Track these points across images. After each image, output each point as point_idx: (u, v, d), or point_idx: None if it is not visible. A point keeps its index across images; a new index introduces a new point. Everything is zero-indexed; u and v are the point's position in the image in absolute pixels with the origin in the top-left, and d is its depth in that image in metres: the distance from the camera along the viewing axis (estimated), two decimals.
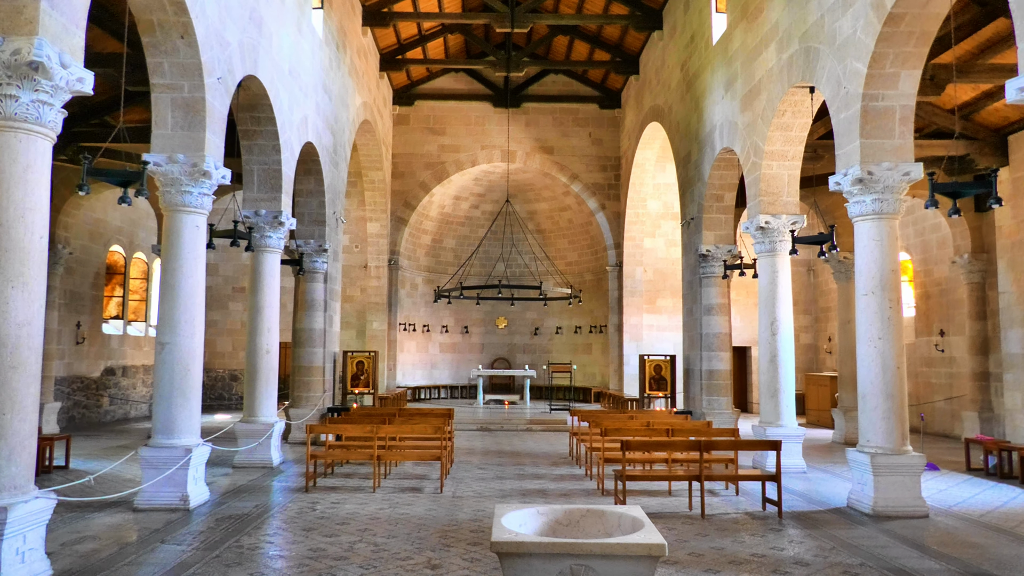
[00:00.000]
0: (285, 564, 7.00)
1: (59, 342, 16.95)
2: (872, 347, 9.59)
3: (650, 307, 24.26)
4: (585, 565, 3.86)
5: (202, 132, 9.50)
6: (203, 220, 9.76)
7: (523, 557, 3.88)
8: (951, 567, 7.12)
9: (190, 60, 9.32)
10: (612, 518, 4.49)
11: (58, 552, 7.21)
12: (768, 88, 12.67)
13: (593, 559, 3.86)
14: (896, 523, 8.92)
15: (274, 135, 12.64)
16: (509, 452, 15.14)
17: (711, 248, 16.09)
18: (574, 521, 4.58)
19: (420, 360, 27.21)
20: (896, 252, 9.66)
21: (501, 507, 4.63)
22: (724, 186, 15.87)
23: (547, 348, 28.11)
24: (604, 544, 3.90)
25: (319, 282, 16.29)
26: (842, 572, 6.89)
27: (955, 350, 17.62)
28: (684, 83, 17.69)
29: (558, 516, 4.63)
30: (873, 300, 9.60)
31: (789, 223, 12.81)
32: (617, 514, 4.52)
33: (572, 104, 25.57)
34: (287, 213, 13.06)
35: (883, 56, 9.33)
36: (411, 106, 25.27)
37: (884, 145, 9.55)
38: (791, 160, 12.84)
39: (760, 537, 8.25)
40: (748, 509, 9.75)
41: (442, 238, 27.59)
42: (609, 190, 25.36)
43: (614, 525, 4.41)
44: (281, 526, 8.56)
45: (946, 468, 13.24)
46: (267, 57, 11.93)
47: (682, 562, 7.19)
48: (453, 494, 10.58)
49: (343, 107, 17.69)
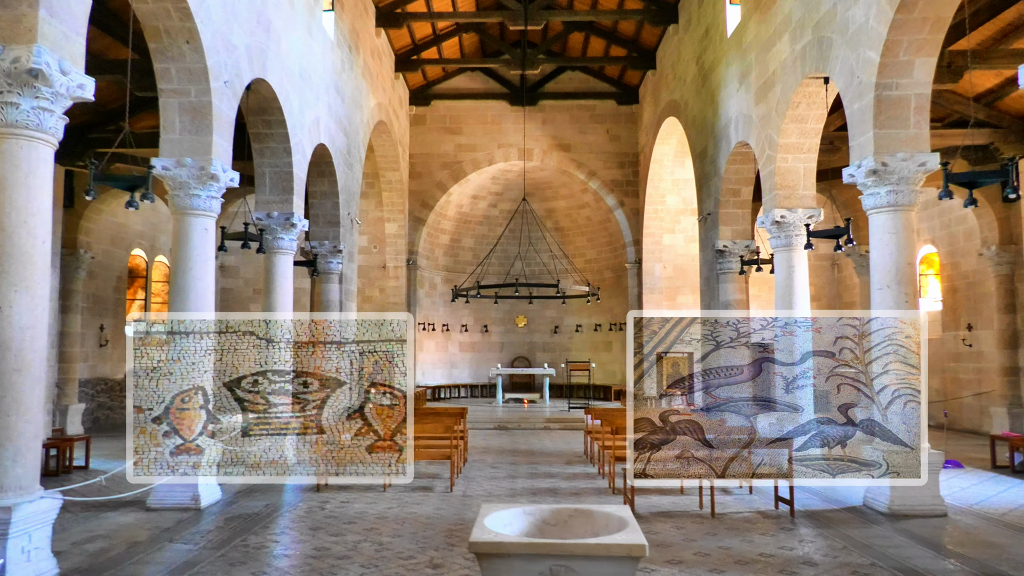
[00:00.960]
0: (288, 563, 7.03)
1: (83, 345, 17.18)
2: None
3: (670, 304, 24.06)
4: (565, 566, 3.80)
5: (209, 136, 9.56)
6: (212, 223, 9.81)
7: (502, 558, 3.83)
8: (966, 568, 6.95)
9: (196, 65, 9.38)
10: (600, 518, 4.43)
11: (68, 551, 7.29)
12: (782, 80, 12.49)
13: (573, 560, 3.80)
14: (912, 522, 8.74)
15: (285, 138, 12.69)
16: (524, 451, 15.09)
17: (728, 243, 15.91)
18: (562, 521, 4.52)
19: (440, 359, 27.23)
20: (913, 245, 9.47)
21: (487, 506, 4.59)
22: (740, 180, 15.68)
23: (567, 346, 28.00)
24: (584, 544, 3.84)
25: (334, 283, 16.35)
26: (851, 572, 6.76)
27: (983, 344, 17.26)
28: (700, 77, 17.52)
29: (546, 516, 4.58)
30: (889, 294, 9.41)
31: (805, 217, 12.62)
32: (605, 514, 4.45)
33: (589, 101, 25.43)
34: (299, 215, 13.11)
35: (896, 44, 9.14)
36: (427, 106, 25.28)
37: (899, 135, 9.35)
38: (807, 153, 12.64)
39: (770, 536, 8.13)
40: (761, 508, 9.62)
41: (461, 237, 27.58)
42: (627, 186, 25.20)
43: (602, 525, 4.35)
44: (288, 525, 8.60)
45: (971, 465, 12.96)
46: (276, 60, 11.98)
47: (687, 562, 7.10)
48: (463, 493, 10.56)
49: (356, 108, 17.74)
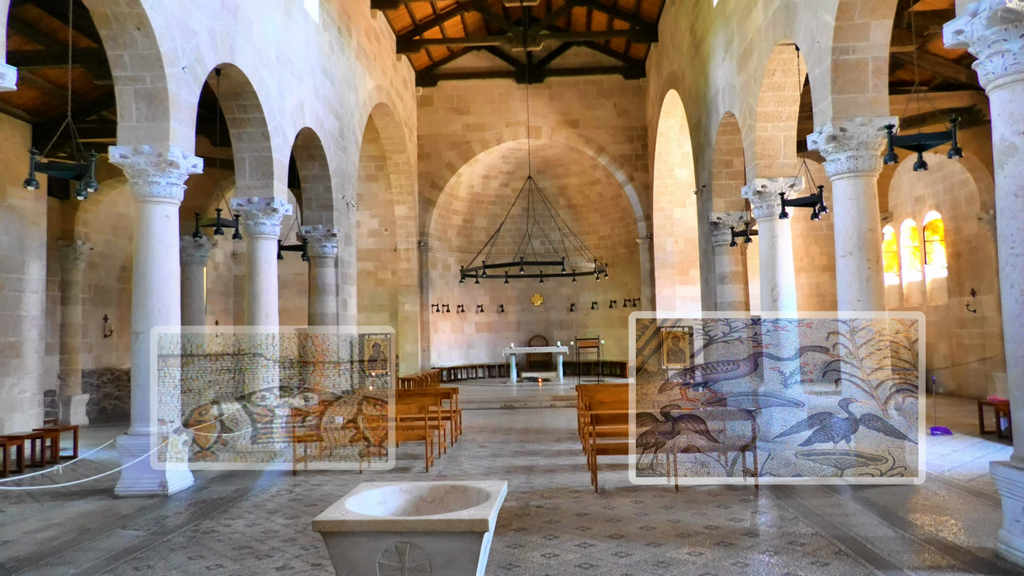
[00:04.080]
0: (229, 546, 7.06)
1: (85, 336, 17.55)
2: (851, 310, 9.18)
3: (682, 278, 23.80)
4: (409, 543, 3.78)
5: (166, 122, 9.63)
6: (173, 210, 9.90)
7: (348, 536, 3.82)
8: (908, 535, 6.81)
9: (149, 51, 9.44)
10: (472, 494, 4.39)
11: (17, 539, 7.45)
12: (759, 47, 12.18)
13: (416, 536, 3.77)
14: (877, 490, 8.57)
15: (262, 122, 12.75)
16: (521, 429, 15.10)
17: (721, 215, 15.65)
18: (438, 498, 4.50)
19: (456, 340, 27.30)
20: (875, 211, 9.21)
21: (363, 485, 4.58)
22: (731, 151, 15.38)
23: (583, 323, 27.89)
24: (426, 521, 3.81)
25: (329, 267, 16.45)
26: (788, 543, 6.65)
27: (987, 309, 16.78)
28: (693, 47, 17.18)
29: (423, 493, 4.56)
30: (851, 261, 9.19)
31: (786, 186, 12.34)
32: (477, 489, 4.42)
33: (596, 76, 25.13)
34: (281, 199, 13.18)
35: (850, 6, 8.85)
36: (434, 87, 25.21)
37: (857, 99, 9.08)
38: (786, 121, 12.34)
39: (725, 509, 8.03)
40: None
41: (473, 217, 27.54)
42: (637, 161, 24.91)
43: (473, 501, 4.31)
44: (248, 509, 8.67)
45: (962, 432, 12.67)
46: (246, 44, 12.01)
47: (628, 535, 7.04)
48: (439, 473, 10.61)
49: (350, 91, 17.74)
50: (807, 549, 6.46)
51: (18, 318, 14.70)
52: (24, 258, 14.82)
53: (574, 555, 6.43)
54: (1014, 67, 5.91)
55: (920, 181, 20.17)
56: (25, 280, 14.83)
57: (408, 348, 24.38)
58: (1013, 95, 5.99)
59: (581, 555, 6.43)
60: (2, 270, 14.33)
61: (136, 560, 6.70)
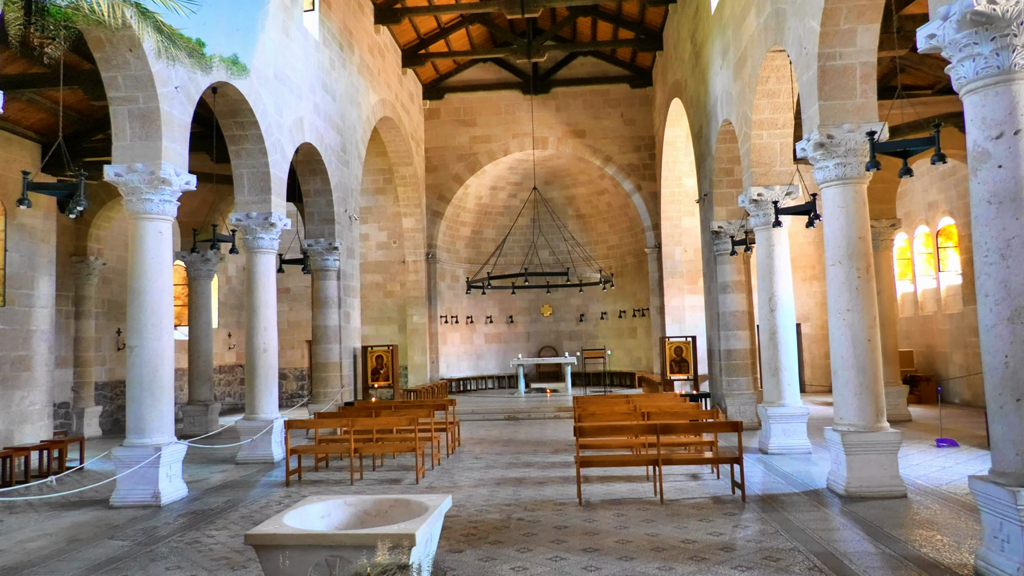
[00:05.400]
0: (206, 558, 7.14)
1: (98, 349, 17.82)
2: (841, 319, 9.10)
3: (692, 287, 23.63)
4: (340, 556, 3.80)
5: (159, 141, 9.79)
6: (167, 226, 10.05)
7: (279, 550, 3.85)
8: (887, 550, 6.70)
9: (141, 72, 9.61)
10: (415, 507, 4.41)
11: (9, 549, 7.60)
12: (752, 54, 12.14)
13: (345, 550, 3.80)
14: (867, 504, 8.47)
15: (259, 139, 12.91)
16: (519, 441, 15.06)
17: (723, 224, 15.57)
18: (383, 511, 4.52)
19: (465, 351, 27.35)
20: (865, 218, 9.12)
21: (310, 499, 4.61)
22: (731, 160, 15.31)
23: (593, 333, 27.83)
24: (354, 535, 3.84)
25: (332, 279, 16.58)
26: (763, 558, 6.58)
27: None
28: (694, 55, 17.16)
29: (367, 507, 4.58)
30: (841, 270, 9.10)
31: (782, 194, 12.27)
32: (419, 503, 4.43)
33: (602, 85, 25.14)
34: (279, 214, 13.32)
35: (836, 11, 8.80)
36: (441, 100, 25.35)
37: (845, 106, 9.01)
38: (781, 128, 12.28)
39: (707, 523, 7.95)
40: (717, 493, 9.41)
41: (481, 228, 27.62)
42: (644, 170, 24.86)
43: (416, 514, 4.33)
44: (236, 520, 8.74)
45: (971, 444, 12.47)
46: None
47: (603, 549, 7.00)
48: (428, 485, 10.61)
49: (352, 105, 17.90)
50: (780, 565, 6.38)
51: (28, 332, 14.94)
52: (34, 274, 15.07)
53: (543, 568, 6.41)
54: (985, 71, 5.84)
55: (933, 186, 19.92)
56: (35, 295, 15.08)
57: (417, 359, 24.46)
58: (985, 100, 5.92)
59: (551, 568, 6.40)
60: (12, 286, 14.58)
61: (115, 570, 6.80)
